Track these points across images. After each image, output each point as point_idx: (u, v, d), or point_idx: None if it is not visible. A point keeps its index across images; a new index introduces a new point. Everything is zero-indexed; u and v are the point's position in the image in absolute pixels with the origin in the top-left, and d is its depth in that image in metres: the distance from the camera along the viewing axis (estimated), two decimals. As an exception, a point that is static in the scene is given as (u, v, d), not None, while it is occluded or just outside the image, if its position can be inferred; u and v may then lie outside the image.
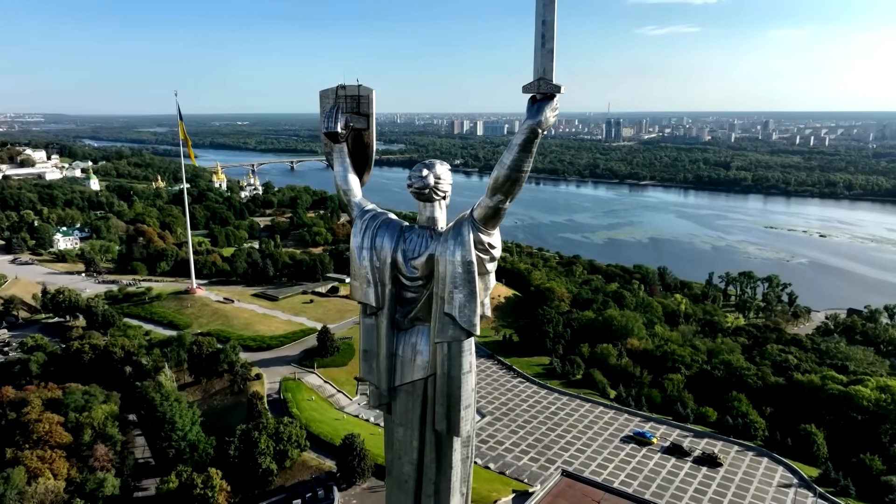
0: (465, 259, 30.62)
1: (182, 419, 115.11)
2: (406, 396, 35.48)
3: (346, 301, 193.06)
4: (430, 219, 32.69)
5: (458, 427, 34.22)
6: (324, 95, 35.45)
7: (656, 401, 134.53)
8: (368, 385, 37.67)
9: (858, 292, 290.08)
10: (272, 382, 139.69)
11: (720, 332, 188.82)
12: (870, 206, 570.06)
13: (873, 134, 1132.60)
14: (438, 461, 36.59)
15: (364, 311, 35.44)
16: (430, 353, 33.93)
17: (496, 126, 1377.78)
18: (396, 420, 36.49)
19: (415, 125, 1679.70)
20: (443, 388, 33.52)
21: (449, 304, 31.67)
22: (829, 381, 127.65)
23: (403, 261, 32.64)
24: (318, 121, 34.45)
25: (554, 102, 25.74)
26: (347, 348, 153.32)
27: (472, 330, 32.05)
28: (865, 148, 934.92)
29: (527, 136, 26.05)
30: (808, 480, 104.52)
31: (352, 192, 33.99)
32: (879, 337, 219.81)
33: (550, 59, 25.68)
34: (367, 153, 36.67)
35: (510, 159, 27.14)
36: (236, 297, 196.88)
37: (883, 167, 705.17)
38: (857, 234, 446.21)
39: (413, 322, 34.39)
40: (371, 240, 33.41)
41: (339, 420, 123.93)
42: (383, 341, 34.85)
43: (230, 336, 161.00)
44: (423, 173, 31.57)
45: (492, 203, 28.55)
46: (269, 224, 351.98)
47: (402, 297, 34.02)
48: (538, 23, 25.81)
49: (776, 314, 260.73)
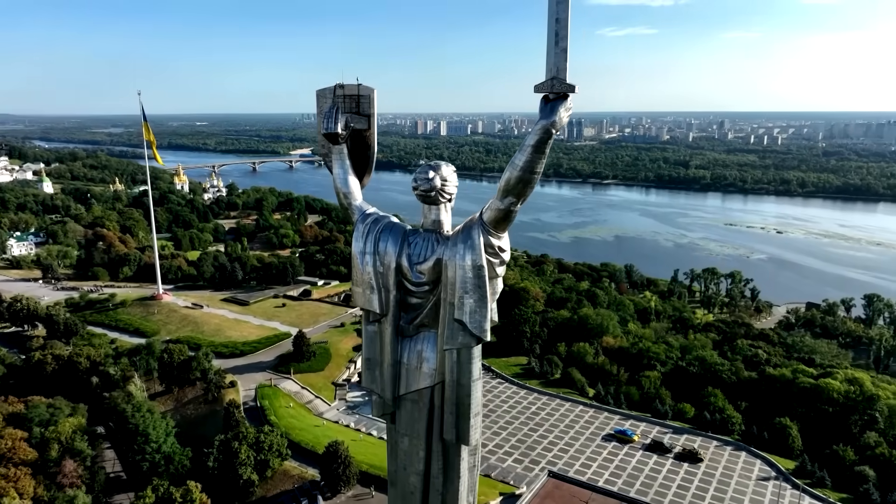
0: (475, 263, 29.82)
1: (156, 430, 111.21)
2: (411, 405, 34.46)
3: (320, 304, 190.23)
4: (436, 222, 31.82)
5: (467, 436, 33.40)
6: (321, 95, 34.19)
7: (634, 398, 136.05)
8: (371, 395, 36.53)
9: (815, 286, 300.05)
10: (247, 390, 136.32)
11: (691, 329, 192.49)
12: (822, 202, 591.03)
13: (822, 133, 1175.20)
14: (446, 471, 35.67)
15: (367, 318, 34.28)
16: (437, 361, 33.01)
17: (460, 126, 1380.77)
18: (401, 430, 35.40)
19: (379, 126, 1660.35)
20: (452, 397, 32.64)
21: (459, 310, 30.83)
22: (800, 375, 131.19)
23: (409, 266, 31.65)
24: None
25: (568, 102, 25.14)
26: (324, 353, 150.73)
27: (482, 336, 31.28)
28: (815, 147, 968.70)
29: (540, 137, 25.40)
30: (785, 473, 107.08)
31: (352, 195, 32.86)
32: (838, 330, 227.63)
33: (564, 58, 25.04)
34: (367, 155, 35.56)
35: (523, 160, 26.48)
36: (205, 302, 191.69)
37: (832, 165, 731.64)
38: (812, 230, 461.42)
39: (418, 329, 33.42)
40: (374, 244, 32.36)
41: (318, 427, 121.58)
42: (387, 349, 33.78)
43: (201, 343, 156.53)
44: (430, 175, 30.72)
45: (503, 205, 27.89)
46: (234, 226, 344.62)
47: (407, 303, 33.04)
48: (551, 21, 25.13)
49: (740, 309, 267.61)
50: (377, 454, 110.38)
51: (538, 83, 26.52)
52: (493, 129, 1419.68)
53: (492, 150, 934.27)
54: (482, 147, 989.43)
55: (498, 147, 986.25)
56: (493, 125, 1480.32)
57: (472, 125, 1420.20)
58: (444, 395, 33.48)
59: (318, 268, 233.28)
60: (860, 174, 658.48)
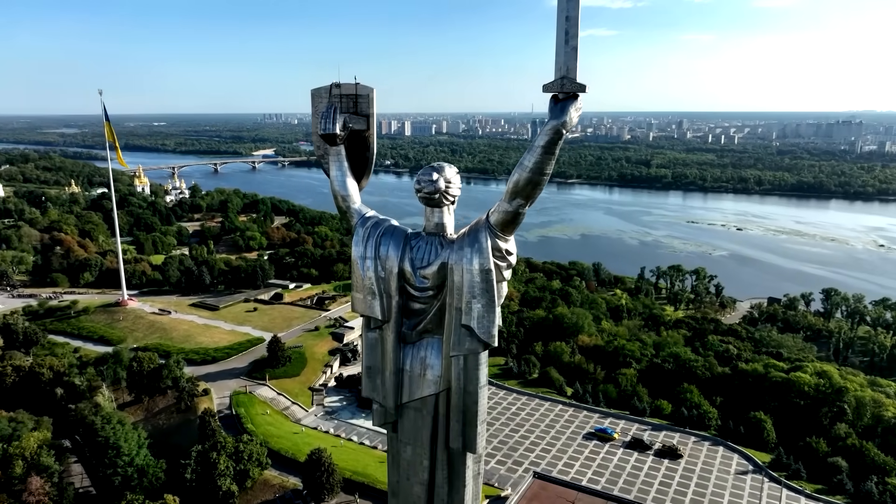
0: (483, 267, 29.22)
1: (128, 443, 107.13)
2: (415, 414, 33.62)
3: (292, 308, 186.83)
4: (439, 225, 31.12)
5: (474, 444, 32.77)
6: (316, 95, 33.17)
7: (612, 396, 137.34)
8: (372, 403, 35.56)
9: (775, 281, 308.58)
10: (221, 397, 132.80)
11: (662, 326, 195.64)
12: (778, 200, 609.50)
13: (775, 133, 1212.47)
14: (451, 480, 34.98)
15: (367, 324, 33.39)
16: (441, 368, 32.27)
17: (424, 126, 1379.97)
18: (404, 439, 34.52)
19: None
20: (458, 404, 31.94)
21: (467, 315, 30.18)
22: (771, 369, 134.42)
23: (412, 270, 30.82)
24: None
25: (578, 102, 24.77)
26: (299, 357, 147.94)
27: (490, 341, 30.70)
28: (770, 146, 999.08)
29: (551, 138, 25.03)
30: (762, 466, 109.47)
31: (351, 198, 31.90)
32: (799, 323, 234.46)
33: (574, 57, 24.62)
34: (366, 156, 34.63)
35: (532, 162, 26.09)
36: (172, 307, 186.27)
37: (787, 164, 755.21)
38: (770, 226, 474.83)
39: (421, 335, 32.61)
40: (374, 249, 31.46)
41: (297, 433, 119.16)
42: (389, 356, 32.89)
43: (170, 350, 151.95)
44: (434, 177, 30.07)
45: (511, 208, 27.45)
46: (198, 229, 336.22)
47: (409, 308, 32.21)
48: (561, 19, 24.65)
49: (705, 305, 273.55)
50: (359, 460, 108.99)
51: (547, 83, 25.93)
52: (458, 129, 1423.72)
53: (457, 150, 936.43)
54: (447, 147, 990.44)
55: (463, 147, 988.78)
56: (457, 125, 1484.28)
57: (437, 125, 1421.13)
58: (449, 403, 32.75)
59: (288, 270, 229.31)
60: (813, 172, 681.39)
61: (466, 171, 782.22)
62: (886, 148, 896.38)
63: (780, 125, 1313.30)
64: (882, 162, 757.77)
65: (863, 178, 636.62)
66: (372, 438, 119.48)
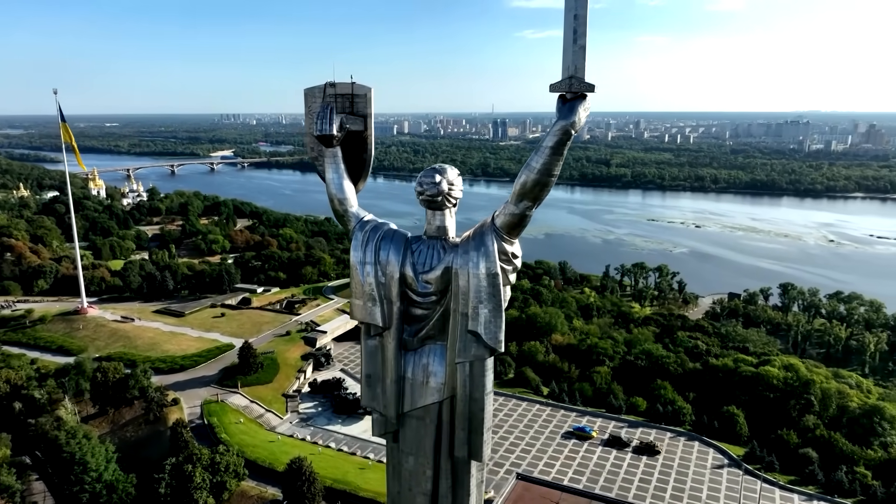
0: (490, 271, 28.68)
1: (95, 458, 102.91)
2: (417, 423, 32.82)
3: (262, 313, 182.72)
4: (440, 228, 30.48)
5: (480, 452, 32.20)
6: (309, 94, 32.09)
7: (587, 394, 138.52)
8: (372, 413, 34.62)
9: (734, 277, 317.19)
10: (192, 407, 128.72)
11: (632, 323, 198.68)
12: (733, 197, 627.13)
13: (728, 133, 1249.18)
14: (455, 490, 34.28)
15: (367, 331, 32.47)
16: (445, 375, 31.57)
17: (385, 126, 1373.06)
18: (405, 449, 33.67)
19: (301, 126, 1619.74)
20: (464, 411, 31.27)
21: (473, 321, 29.57)
22: (741, 364, 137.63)
23: (414, 275, 30.05)
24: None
25: (586, 102, 24.49)
26: (271, 363, 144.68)
27: (497, 347, 30.14)
28: (724, 145, 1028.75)
29: (560, 138, 24.71)
30: (737, 460, 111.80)
31: (348, 201, 31.00)
32: (760, 318, 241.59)
33: (582, 57, 24.27)
34: (363, 158, 33.67)
35: (540, 163, 25.74)
36: (135, 314, 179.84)
37: (740, 162, 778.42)
38: (726, 223, 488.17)
39: (423, 341, 31.86)
40: (374, 253, 30.60)
41: (273, 442, 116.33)
42: (390, 364, 32.03)
43: (135, 359, 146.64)
44: (436, 179, 29.47)
45: (518, 210, 27.08)
46: (158, 233, 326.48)
47: (411, 314, 31.43)
48: (568, 17, 24.26)
49: (669, 301, 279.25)
50: (339, 467, 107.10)
51: (554, 82, 25.46)
52: (420, 130, 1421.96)
53: (419, 151, 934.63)
54: (409, 147, 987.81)
55: (426, 147, 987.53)
56: (419, 125, 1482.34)
57: (398, 125, 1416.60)
58: (453, 411, 32.05)
59: (255, 274, 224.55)
60: (765, 170, 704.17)
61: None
62: (832, 147, 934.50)
63: (732, 125, 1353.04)
64: (829, 160, 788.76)
65: (812, 176, 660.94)
66: (350, 445, 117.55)
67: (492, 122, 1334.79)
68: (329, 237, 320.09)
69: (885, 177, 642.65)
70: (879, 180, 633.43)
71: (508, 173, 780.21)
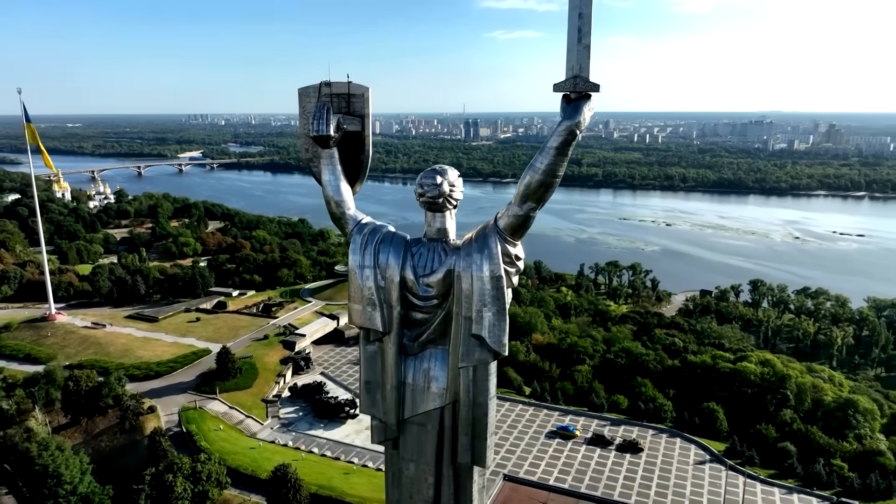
0: (494, 274, 28.44)
1: (69, 470, 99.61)
2: (418, 429, 32.41)
3: (238, 317, 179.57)
4: (441, 230, 30.16)
5: (484, 457, 31.91)
6: (304, 94, 31.41)
7: (569, 393, 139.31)
8: (371, 420, 34.03)
9: (705, 274, 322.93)
10: (169, 414, 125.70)
11: (610, 321, 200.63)
12: (701, 196, 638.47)
13: (696, 132, 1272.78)
14: (457, 496, 33.98)
15: (366, 337, 31.94)
16: (447, 380, 31.22)
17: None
18: (406, 456, 33.21)
19: (271, 126, 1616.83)
20: (468, 417, 30.95)
21: (477, 325, 29.27)
22: (719, 360, 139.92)
23: (414, 278, 29.62)
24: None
25: (591, 101, 24.42)
26: (250, 368, 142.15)
27: (501, 351, 29.95)
28: (691, 145, 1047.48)
29: (565, 139, 24.62)
30: (718, 455, 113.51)
31: (345, 203, 30.41)
32: (732, 314, 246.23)
33: (587, 56, 24.14)
34: (359, 160, 33.04)
35: (545, 163, 25.60)
36: (107, 320, 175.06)
37: (708, 161, 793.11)
38: (696, 221, 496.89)
39: (423, 346, 31.43)
40: (373, 257, 30.11)
41: (255, 448, 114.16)
42: (390, 369, 31.56)
43: (108, 366, 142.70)
44: (438, 181, 29.16)
45: (521, 211, 26.96)
46: (127, 236, 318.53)
47: (411, 318, 31.00)
48: (573, 16, 24.08)
49: (643, 299, 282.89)
50: (324, 473, 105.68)
51: (558, 82, 25.24)
52: (391, 130, 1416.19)
53: (392, 151, 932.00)
54: (381, 147, 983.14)
55: (398, 147, 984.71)
56: (390, 125, 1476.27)
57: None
58: (455, 416, 31.66)
59: (229, 277, 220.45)
60: (732, 169, 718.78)
61: (403, 172, 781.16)
62: (795, 146, 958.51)
63: (699, 125, 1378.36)
64: (792, 159, 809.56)
65: (776, 175, 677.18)
66: (333, 449, 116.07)
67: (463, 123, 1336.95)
68: (303, 239, 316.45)
69: (845, 175, 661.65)
70: (840, 178, 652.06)
71: (481, 173, 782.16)
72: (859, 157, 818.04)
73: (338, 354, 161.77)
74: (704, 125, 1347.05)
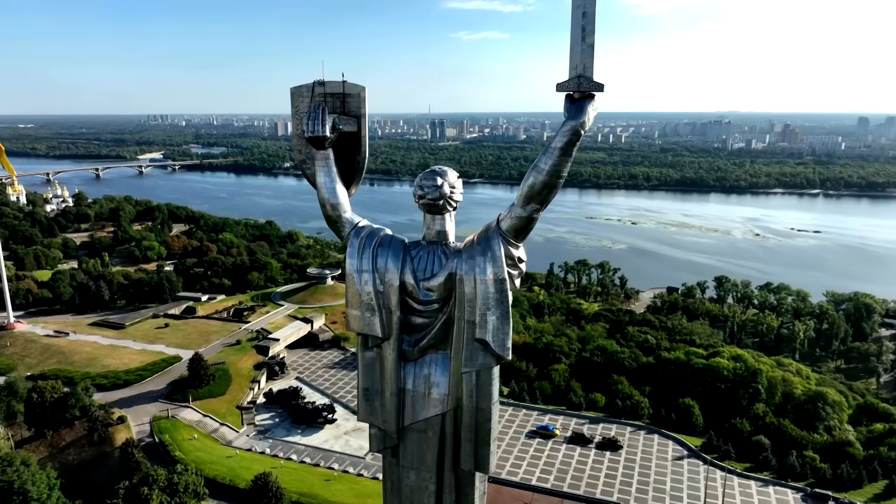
0: (497, 277, 28.24)
1: (36, 486, 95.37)
2: (419, 436, 31.96)
3: (208, 322, 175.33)
4: (441, 233, 29.83)
5: (487, 463, 31.67)
6: (296, 93, 30.68)
7: (547, 392, 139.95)
8: (370, 428, 33.41)
9: (671, 271, 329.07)
10: (140, 424, 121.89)
11: (583, 320, 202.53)
12: (665, 194, 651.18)
13: (657, 132, 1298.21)
14: (459, 503, 33.67)
15: (364, 343, 31.38)
16: (448, 385, 30.86)
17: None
18: (406, 464, 32.74)
19: (234, 127, 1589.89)
20: (471, 422, 30.66)
21: (481, 329, 29.00)
22: (692, 357, 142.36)
23: (414, 282, 29.20)
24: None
25: (595, 101, 24.37)
26: (223, 375, 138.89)
27: (505, 355, 29.74)
28: (653, 144, 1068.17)
29: (569, 139, 24.57)
30: (696, 450, 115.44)
31: (341, 206, 29.87)
32: (699, 310, 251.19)
33: (591, 55, 24.04)
34: (356, 161, 32.44)
35: (550, 164, 25.52)
36: (70, 328, 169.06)
37: (670, 161, 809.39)
38: (661, 220, 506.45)
39: (423, 351, 31.00)
40: (371, 261, 29.60)
41: (231, 457, 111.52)
42: (389, 376, 31.10)
43: (73, 376, 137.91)
44: (438, 182, 28.87)
45: (525, 213, 26.89)
46: (87, 241, 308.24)
47: (411, 323, 30.57)
48: (576, 15, 23.93)
49: (612, 297, 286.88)
50: (304, 481, 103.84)
51: (561, 81, 25.04)
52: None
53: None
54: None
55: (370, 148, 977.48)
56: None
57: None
58: (457, 422, 31.26)
59: (197, 281, 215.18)
60: (693, 168, 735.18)
61: (370, 173, 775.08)
62: (752, 145, 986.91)
63: (661, 125, 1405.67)
64: (750, 158, 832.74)
65: (736, 173, 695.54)
66: (312, 456, 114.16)
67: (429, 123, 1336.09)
68: (271, 241, 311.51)
69: (801, 173, 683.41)
70: (796, 177, 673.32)
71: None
72: (813, 156, 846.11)
73: (313, 358, 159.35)
74: (666, 125, 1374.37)
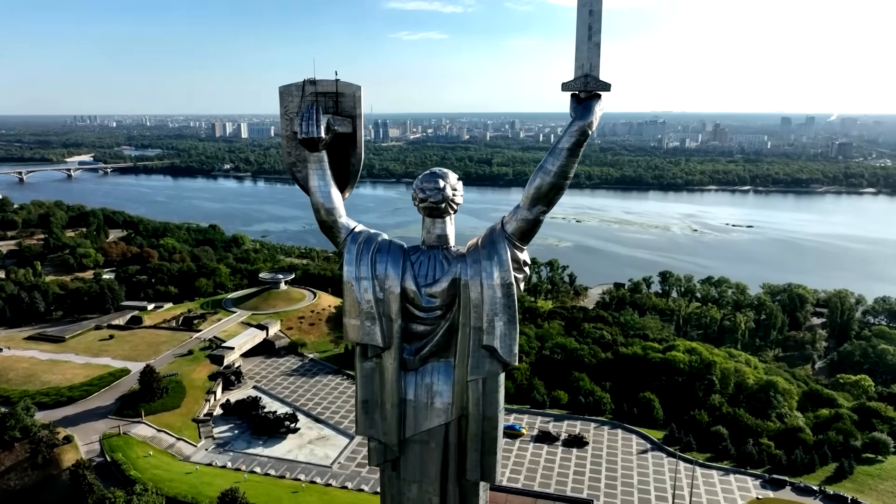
0: (505, 281, 28.07)
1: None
2: (421, 448, 31.34)
3: (156, 332, 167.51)
4: (441, 237, 29.41)
5: (494, 473, 31.47)
6: (285, 93, 29.74)
7: (510, 391, 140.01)
8: (369, 441, 32.60)
9: (616, 267, 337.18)
10: (89, 443, 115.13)
11: (539, 317, 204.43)
12: (606, 192, 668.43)
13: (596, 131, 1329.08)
14: None
15: (363, 353, 30.60)
16: (452, 394, 30.33)
17: (262, 128, 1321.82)
18: (408, 477, 32.07)
19: (169, 128, 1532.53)
20: (477, 431, 30.28)
21: (489, 335, 28.71)
22: (649, 351, 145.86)
23: (416, 289, 28.60)
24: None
25: (602, 101, 24.51)
26: (177, 387, 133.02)
27: (512, 361, 29.62)
28: (593, 143, 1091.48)
29: (577, 139, 24.66)
30: (658, 443, 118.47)
31: (337, 210, 29.09)
32: (645, 305, 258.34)
33: (597, 54, 24.18)
34: (349, 163, 31.63)
35: (557, 165, 25.45)
36: (2, 343, 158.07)
37: (610, 160, 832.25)
38: (604, 217, 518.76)
39: (425, 360, 30.40)
40: (370, 267, 28.87)
41: (191, 473, 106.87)
42: (390, 386, 30.41)
43: (9, 394, 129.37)
44: (440, 184, 28.44)
45: (531, 215, 26.81)
46: (15, 249, 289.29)
47: (412, 331, 29.96)
48: (582, 13, 24.00)
49: (562, 294, 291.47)
50: (271, 494, 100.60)
51: (567, 81, 24.90)
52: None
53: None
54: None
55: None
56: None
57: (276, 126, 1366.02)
58: (462, 431, 30.73)
59: (141, 290, 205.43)
60: (632, 167, 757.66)
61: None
62: (686, 144, 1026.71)
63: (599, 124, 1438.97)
64: (685, 156, 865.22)
65: (672, 172, 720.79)
66: (277, 467, 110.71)
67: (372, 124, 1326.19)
68: (216, 246, 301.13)
69: (732, 171, 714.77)
70: (728, 174, 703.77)
71: (393, 174, 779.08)
72: (742, 154, 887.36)
73: (270, 366, 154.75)
74: (604, 125, 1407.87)
